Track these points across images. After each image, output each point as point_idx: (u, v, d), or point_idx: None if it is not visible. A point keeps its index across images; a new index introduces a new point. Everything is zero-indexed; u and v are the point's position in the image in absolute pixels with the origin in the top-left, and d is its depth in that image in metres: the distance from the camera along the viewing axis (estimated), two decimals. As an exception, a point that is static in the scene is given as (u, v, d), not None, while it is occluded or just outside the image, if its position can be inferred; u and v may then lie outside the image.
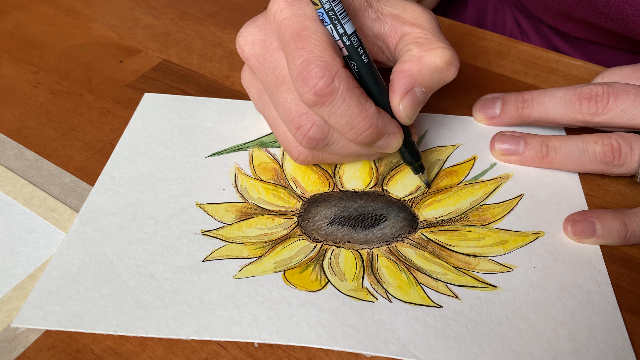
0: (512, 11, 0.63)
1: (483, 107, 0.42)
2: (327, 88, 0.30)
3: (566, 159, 0.38)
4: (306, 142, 0.34)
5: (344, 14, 0.32)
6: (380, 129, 0.33)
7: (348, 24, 0.32)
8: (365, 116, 0.32)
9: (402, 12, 0.35)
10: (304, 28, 0.31)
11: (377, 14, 0.35)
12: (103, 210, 0.36)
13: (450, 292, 0.32)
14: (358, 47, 0.33)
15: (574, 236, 0.35)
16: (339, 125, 0.32)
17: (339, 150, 0.35)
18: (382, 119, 0.33)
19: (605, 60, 0.54)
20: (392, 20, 0.35)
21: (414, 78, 0.33)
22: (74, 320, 0.30)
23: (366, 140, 0.33)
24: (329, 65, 0.31)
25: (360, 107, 0.32)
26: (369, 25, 0.35)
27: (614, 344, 0.30)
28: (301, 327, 0.30)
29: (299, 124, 0.33)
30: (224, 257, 0.33)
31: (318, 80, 0.30)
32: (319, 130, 0.33)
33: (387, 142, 0.34)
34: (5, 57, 0.49)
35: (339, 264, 0.33)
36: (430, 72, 0.33)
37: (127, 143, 0.40)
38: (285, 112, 0.34)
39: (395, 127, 0.34)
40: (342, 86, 0.31)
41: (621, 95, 0.36)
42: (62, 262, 0.33)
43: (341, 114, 0.31)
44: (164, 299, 0.31)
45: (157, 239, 0.34)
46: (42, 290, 0.32)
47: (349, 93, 0.31)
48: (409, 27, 0.34)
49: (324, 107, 0.31)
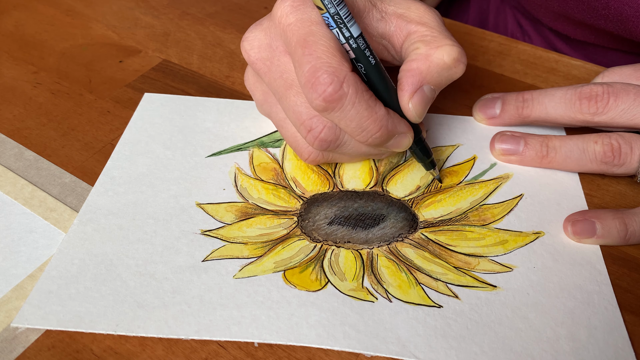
0: (514, 13, 0.63)
1: (483, 107, 0.42)
2: (336, 94, 0.31)
3: (566, 159, 0.37)
4: (318, 144, 0.34)
5: (349, 17, 0.32)
6: (391, 130, 0.33)
7: (354, 27, 0.32)
8: (375, 119, 0.32)
9: (407, 11, 0.35)
10: (310, 33, 0.31)
11: (381, 14, 0.35)
12: (103, 210, 0.36)
13: (451, 292, 0.32)
14: (365, 49, 0.33)
15: (574, 236, 0.35)
16: (349, 129, 0.33)
17: (350, 151, 0.35)
18: (392, 120, 0.33)
19: (605, 62, 0.54)
20: (397, 19, 0.35)
21: (422, 76, 0.33)
22: (74, 320, 0.30)
23: (377, 141, 0.33)
24: (337, 71, 0.31)
25: (370, 110, 0.32)
26: (374, 26, 0.35)
27: (614, 344, 0.30)
28: (301, 327, 0.30)
29: (310, 126, 0.33)
30: (224, 257, 0.33)
31: (327, 86, 0.30)
32: (330, 133, 0.33)
33: (398, 141, 0.34)
34: (5, 57, 0.49)
35: (339, 264, 0.33)
36: (439, 69, 0.33)
37: (127, 143, 0.40)
38: (295, 115, 0.34)
39: (405, 126, 0.34)
40: (351, 91, 0.31)
41: (621, 94, 0.36)
42: (62, 262, 0.33)
43: (351, 117, 0.32)
44: (164, 299, 0.31)
45: (157, 239, 0.34)
46: (42, 290, 0.31)
47: (357, 97, 0.31)
48: (414, 25, 0.34)
49: (333, 112, 0.31)
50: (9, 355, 0.30)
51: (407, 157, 0.40)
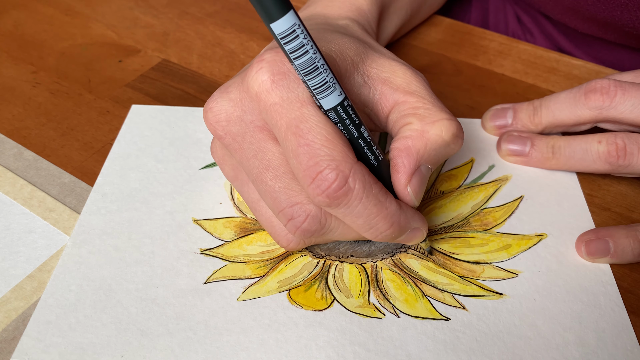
0: (514, 8, 0.63)
1: (494, 117, 0.41)
2: (340, 190, 0.27)
3: (570, 159, 0.37)
4: (300, 234, 0.30)
5: (322, 88, 0.27)
6: (403, 226, 0.30)
7: (327, 99, 0.27)
8: (385, 215, 0.28)
9: (392, 76, 0.31)
10: (302, 119, 0.27)
11: (363, 78, 0.31)
12: (97, 230, 0.35)
13: (457, 303, 0.32)
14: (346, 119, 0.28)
15: (588, 256, 0.34)
16: (355, 225, 0.29)
17: (337, 237, 0.31)
18: (405, 215, 0.29)
19: (611, 59, 0.53)
20: (382, 85, 0.31)
21: (419, 156, 0.29)
22: (77, 352, 0.29)
23: (387, 238, 0.30)
24: (340, 165, 0.27)
25: (380, 205, 0.28)
26: (356, 92, 0.31)
27: (623, 346, 0.30)
28: (310, 349, 0.30)
29: (291, 215, 0.29)
30: (225, 277, 0.33)
31: (331, 182, 0.27)
32: (314, 222, 0.29)
33: (410, 236, 0.31)
34: (5, 56, 0.48)
35: (343, 280, 0.33)
36: (437, 147, 0.29)
37: (117, 157, 0.39)
38: (273, 202, 0.29)
39: (420, 220, 0.31)
40: (358, 186, 0.27)
41: (630, 89, 0.35)
42: (58, 289, 0.32)
43: (358, 214, 0.28)
44: (168, 326, 0.30)
45: (156, 260, 0.33)
46: (40, 321, 0.31)
47: (365, 192, 0.27)
48: (401, 94, 0.30)
49: (338, 208, 0.28)
50: (8, 355, 0.29)
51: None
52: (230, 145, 0.31)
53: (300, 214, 0.29)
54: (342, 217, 0.29)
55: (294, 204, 0.29)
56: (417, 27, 0.52)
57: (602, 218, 0.37)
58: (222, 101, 0.30)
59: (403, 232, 0.30)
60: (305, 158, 0.27)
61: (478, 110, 0.44)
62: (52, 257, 0.34)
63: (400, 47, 0.50)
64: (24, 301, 0.32)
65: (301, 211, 0.29)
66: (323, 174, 0.27)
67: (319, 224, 0.29)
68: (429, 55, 0.49)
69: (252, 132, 0.30)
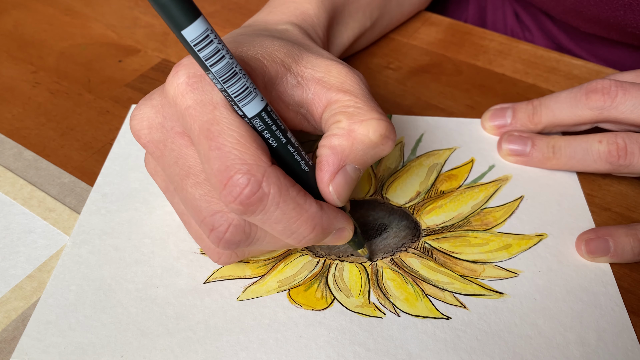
0: (513, 6, 0.62)
1: (493, 117, 0.41)
2: (254, 196, 0.25)
3: (570, 159, 0.37)
4: (223, 246, 0.28)
5: (243, 94, 0.26)
6: (326, 228, 0.28)
7: (249, 106, 0.26)
8: (305, 219, 0.27)
9: (326, 75, 0.30)
10: (214, 122, 0.26)
11: (297, 79, 0.30)
12: (97, 230, 0.35)
13: (458, 302, 0.32)
14: (272, 125, 0.27)
15: (588, 255, 0.34)
16: (276, 232, 0.27)
17: (267, 247, 0.30)
18: (327, 216, 0.28)
19: (612, 58, 0.53)
20: (315, 85, 0.30)
21: (344, 155, 0.28)
22: (76, 352, 0.29)
23: (311, 242, 0.28)
24: (252, 169, 0.25)
25: (299, 209, 0.26)
26: (289, 93, 0.30)
27: (623, 346, 0.30)
28: (310, 349, 0.30)
29: (212, 224, 0.27)
30: (225, 277, 0.33)
31: (242, 188, 0.25)
32: (237, 231, 0.27)
33: (336, 237, 0.29)
34: (4, 56, 0.49)
35: (343, 279, 0.33)
36: (363, 147, 0.28)
37: (117, 157, 0.39)
38: (194, 211, 0.28)
39: (344, 220, 0.29)
40: (273, 190, 0.26)
41: (631, 89, 0.35)
42: (58, 289, 0.32)
43: (277, 220, 0.26)
44: (168, 326, 0.30)
45: (156, 260, 0.33)
46: (40, 321, 0.31)
47: (282, 196, 0.26)
48: (334, 93, 0.29)
49: (254, 215, 0.26)
50: (8, 355, 0.29)
51: (404, 162, 0.39)
52: (154, 153, 0.30)
53: (222, 223, 0.27)
54: (261, 224, 0.27)
55: (214, 213, 0.27)
56: (417, 27, 0.52)
57: (602, 218, 0.36)
58: (145, 108, 0.30)
59: (327, 233, 0.28)
60: (216, 162, 0.25)
61: (478, 110, 0.44)
62: (52, 257, 0.34)
63: (400, 47, 0.50)
64: (23, 301, 0.32)
65: (222, 220, 0.27)
66: (234, 179, 0.25)
67: (243, 233, 0.28)
68: (429, 55, 0.49)
69: (173, 138, 0.28)
